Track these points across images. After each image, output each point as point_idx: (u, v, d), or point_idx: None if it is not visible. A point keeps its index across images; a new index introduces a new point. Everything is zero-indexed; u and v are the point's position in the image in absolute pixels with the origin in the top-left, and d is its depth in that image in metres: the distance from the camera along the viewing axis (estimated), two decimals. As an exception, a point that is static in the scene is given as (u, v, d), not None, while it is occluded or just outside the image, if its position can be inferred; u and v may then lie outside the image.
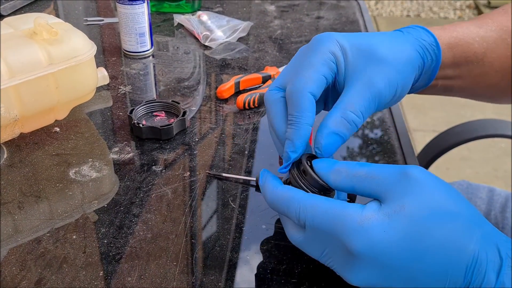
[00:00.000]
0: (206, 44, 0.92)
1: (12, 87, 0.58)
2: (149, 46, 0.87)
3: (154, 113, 0.69)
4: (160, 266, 0.47)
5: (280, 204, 0.42)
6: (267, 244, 0.50)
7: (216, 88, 0.76)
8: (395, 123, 0.71)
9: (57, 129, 0.66)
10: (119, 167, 0.60)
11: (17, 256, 0.48)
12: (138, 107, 0.68)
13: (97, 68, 0.70)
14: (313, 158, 0.45)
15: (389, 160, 0.63)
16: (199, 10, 1.06)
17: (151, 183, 0.57)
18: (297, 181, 0.43)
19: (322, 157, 0.44)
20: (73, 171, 0.59)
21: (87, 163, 0.60)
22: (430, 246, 0.36)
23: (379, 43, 0.47)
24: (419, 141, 2.25)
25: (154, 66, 0.85)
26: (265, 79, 0.78)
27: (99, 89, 0.76)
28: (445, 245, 0.36)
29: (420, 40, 0.50)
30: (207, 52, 0.90)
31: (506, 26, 0.55)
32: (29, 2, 1.07)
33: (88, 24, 1.00)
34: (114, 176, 0.58)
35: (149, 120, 0.68)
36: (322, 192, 0.43)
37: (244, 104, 0.71)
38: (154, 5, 1.06)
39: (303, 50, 0.48)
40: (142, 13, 0.83)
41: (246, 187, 0.57)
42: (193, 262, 0.48)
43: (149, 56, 0.88)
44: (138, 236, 0.50)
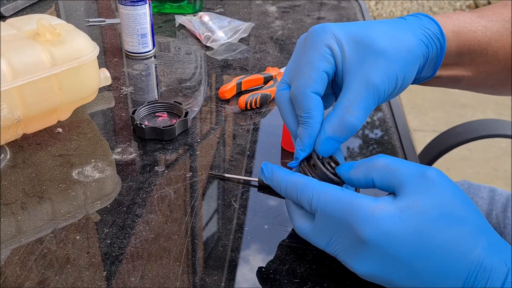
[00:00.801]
0: (208, 45, 0.92)
1: (15, 88, 0.58)
2: (151, 47, 0.88)
3: (156, 114, 0.69)
4: (163, 266, 0.47)
5: (294, 190, 0.43)
6: (269, 244, 0.50)
7: (218, 89, 0.76)
8: (396, 123, 0.71)
9: (60, 130, 0.67)
10: (122, 168, 0.60)
11: (20, 257, 0.48)
12: (141, 108, 0.68)
13: (100, 69, 0.70)
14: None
15: (390, 161, 0.63)
16: (201, 11, 1.06)
17: (154, 184, 0.58)
18: (308, 174, 0.45)
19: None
20: (76, 172, 0.59)
21: (90, 164, 0.60)
22: (436, 246, 0.37)
23: (379, 34, 0.45)
24: (420, 141, 2.25)
25: (156, 67, 0.86)
26: (267, 80, 0.78)
27: (102, 90, 0.76)
28: (451, 247, 0.36)
29: (424, 28, 0.48)
30: (209, 53, 0.91)
31: (508, 17, 0.55)
32: (31, 3, 1.07)
33: (90, 25, 1.01)
34: (117, 177, 0.59)
35: (152, 121, 0.68)
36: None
37: (246, 105, 0.72)
38: (156, 6, 1.06)
39: (301, 44, 0.48)
40: (144, 14, 0.83)
41: (248, 188, 0.58)
42: (195, 262, 0.48)
43: (151, 57, 0.88)
44: (141, 237, 0.50)
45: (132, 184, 0.57)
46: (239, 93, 0.76)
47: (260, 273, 0.47)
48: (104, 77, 0.74)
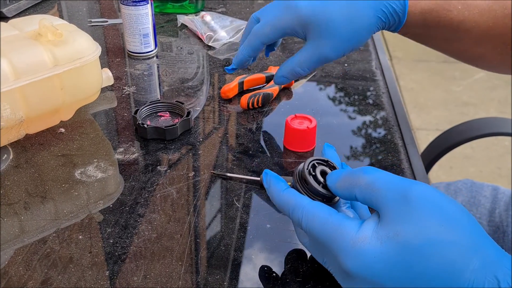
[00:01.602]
0: (210, 45, 0.92)
1: (18, 89, 0.58)
2: (153, 47, 0.88)
3: (159, 114, 0.69)
4: (165, 266, 0.47)
5: (286, 209, 0.44)
6: (272, 243, 0.50)
7: (220, 88, 0.76)
8: (399, 122, 0.71)
9: (62, 130, 0.67)
10: (124, 168, 0.60)
11: (24, 256, 0.48)
12: (143, 108, 0.68)
13: (102, 69, 0.70)
14: (320, 162, 0.46)
15: (393, 159, 0.63)
16: (203, 11, 1.06)
17: (156, 183, 0.58)
18: (300, 190, 0.45)
19: (323, 159, 0.46)
20: (79, 172, 0.59)
21: (93, 164, 0.61)
22: (421, 274, 0.35)
23: (335, 13, 0.56)
24: (422, 140, 2.25)
25: (158, 67, 0.86)
26: (269, 79, 0.78)
27: (104, 90, 0.76)
28: (438, 274, 0.35)
29: (387, 5, 0.56)
30: (211, 53, 0.91)
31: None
32: (33, 4, 1.07)
33: (92, 25, 1.01)
34: (119, 177, 0.59)
35: (154, 121, 0.68)
36: (325, 199, 0.44)
37: (248, 104, 0.72)
38: (158, 6, 1.06)
39: (278, 7, 0.60)
40: (146, 14, 0.83)
41: (250, 187, 0.58)
42: (198, 262, 0.48)
43: (153, 57, 0.88)
44: (143, 236, 0.51)
45: (135, 184, 0.58)
46: (241, 93, 0.76)
47: (263, 272, 0.47)
48: (106, 77, 0.74)
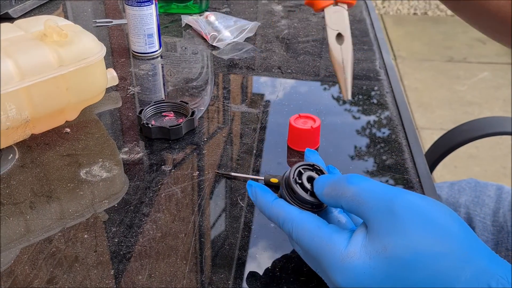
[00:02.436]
0: (214, 45, 0.93)
1: (23, 89, 0.59)
2: (158, 47, 0.88)
3: (163, 113, 0.70)
4: (170, 265, 0.48)
5: (276, 221, 0.43)
6: (276, 242, 0.50)
7: (224, 88, 0.76)
8: (403, 122, 0.71)
9: (68, 130, 0.67)
10: (129, 167, 0.61)
11: (30, 255, 0.49)
12: (147, 108, 0.68)
13: (107, 69, 0.71)
14: (306, 167, 0.45)
15: (397, 159, 0.63)
16: (207, 11, 1.06)
17: (160, 183, 0.58)
18: (287, 199, 0.44)
19: (310, 163, 0.45)
20: (84, 171, 0.60)
21: (98, 163, 0.61)
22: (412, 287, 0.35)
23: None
24: (427, 139, 2.25)
25: (163, 67, 0.86)
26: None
27: (109, 90, 0.76)
28: (429, 287, 0.35)
29: None
30: (215, 52, 0.91)
31: None
32: (39, 5, 1.08)
33: (97, 26, 1.01)
34: (124, 176, 0.59)
35: (158, 120, 0.68)
36: (314, 206, 0.43)
37: None
38: (162, 6, 1.07)
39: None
40: (150, 14, 0.84)
41: (255, 186, 0.58)
42: (202, 261, 0.48)
43: (158, 57, 0.88)
44: (148, 235, 0.51)
45: (139, 183, 0.58)
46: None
47: (267, 271, 0.47)
48: (111, 77, 0.74)
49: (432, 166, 1.02)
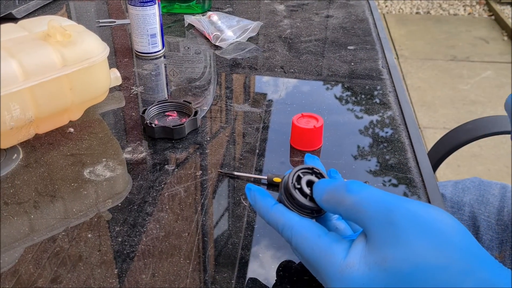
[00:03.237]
0: (217, 44, 0.93)
1: (27, 89, 0.59)
2: (161, 47, 0.88)
3: (166, 113, 0.70)
4: (173, 264, 0.48)
5: (275, 227, 0.43)
6: (279, 242, 0.50)
7: (227, 88, 0.77)
8: (406, 121, 0.71)
9: (71, 130, 0.67)
10: (132, 167, 0.61)
11: (34, 255, 0.49)
12: (150, 107, 0.68)
13: (110, 69, 0.71)
14: (306, 171, 0.44)
15: (400, 158, 0.63)
16: (209, 11, 1.06)
17: (164, 182, 0.58)
18: (287, 204, 0.43)
19: (310, 167, 0.44)
20: (88, 171, 0.60)
21: (101, 163, 0.61)
22: None
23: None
24: (430, 139, 2.24)
25: (166, 67, 0.86)
26: None
27: (112, 90, 0.77)
28: None
29: None
30: (218, 52, 0.91)
31: None
32: (42, 5, 1.08)
33: (100, 26, 1.02)
34: (128, 176, 0.59)
35: (161, 120, 0.68)
36: (314, 211, 0.43)
37: None
38: (165, 6, 1.07)
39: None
40: (153, 14, 0.84)
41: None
42: (206, 260, 0.48)
43: (161, 57, 0.89)
44: (152, 235, 0.51)
45: (143, 183, 0.58)
46: None
47: (270, 270, 0.47)
48: (115, 77, 0.75)
49: (435, 165, 1.01)
